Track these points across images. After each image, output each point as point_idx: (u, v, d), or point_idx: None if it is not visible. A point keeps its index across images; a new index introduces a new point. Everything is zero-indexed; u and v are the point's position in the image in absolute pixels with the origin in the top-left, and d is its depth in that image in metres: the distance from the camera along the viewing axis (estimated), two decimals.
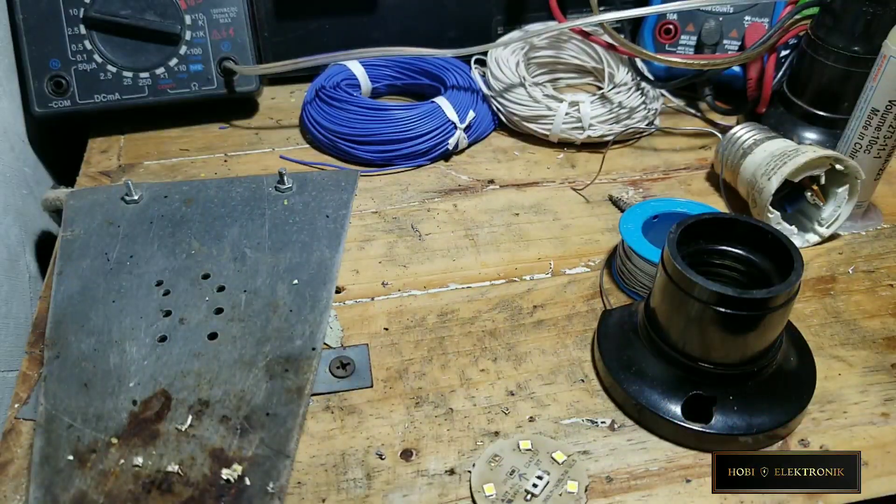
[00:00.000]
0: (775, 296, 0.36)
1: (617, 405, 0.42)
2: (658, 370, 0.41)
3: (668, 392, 0.40)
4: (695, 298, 0.37)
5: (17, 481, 0.38)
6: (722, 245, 0.42)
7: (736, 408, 0.39)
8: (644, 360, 0.42)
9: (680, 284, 0.38)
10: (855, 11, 0.54)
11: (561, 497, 0.37)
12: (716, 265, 0.42)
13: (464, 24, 0.73)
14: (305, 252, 0.51)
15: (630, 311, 0.45)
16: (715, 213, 0.42)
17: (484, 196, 0.59)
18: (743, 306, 0.36)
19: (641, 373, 0.41)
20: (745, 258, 0.41)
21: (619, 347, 0.43)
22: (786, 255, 0.38)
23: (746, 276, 0.41)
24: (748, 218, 0.41)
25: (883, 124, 0.50)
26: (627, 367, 0.42)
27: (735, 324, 0.37)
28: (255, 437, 0.39)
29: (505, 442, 0.40)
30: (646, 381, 0.41)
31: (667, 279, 0.38)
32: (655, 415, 0.40)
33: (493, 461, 0.38)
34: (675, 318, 0.40)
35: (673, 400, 0.40)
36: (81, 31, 0.61)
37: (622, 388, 0.41)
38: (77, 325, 0.45)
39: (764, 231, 0.40)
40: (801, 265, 0.37)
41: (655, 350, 0.41)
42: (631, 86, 0.65)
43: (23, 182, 0.59)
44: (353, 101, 0.62)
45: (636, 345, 0.42)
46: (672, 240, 0.39)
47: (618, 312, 0.46)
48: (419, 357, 0.45)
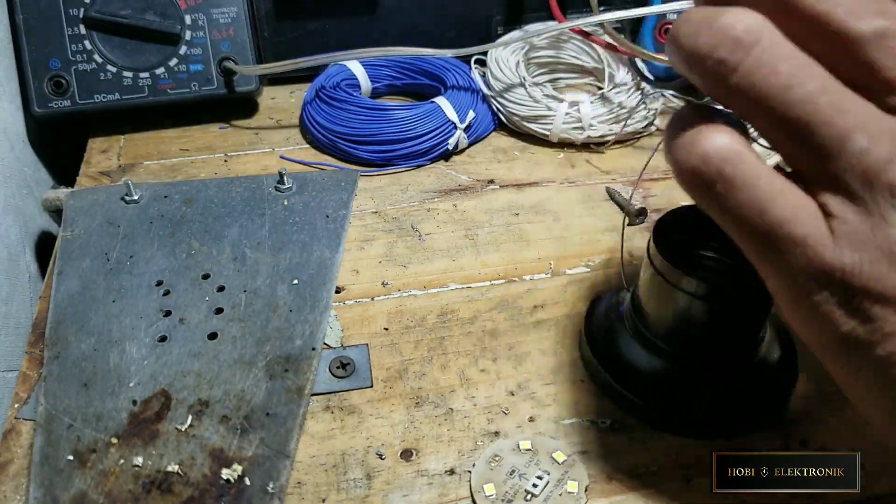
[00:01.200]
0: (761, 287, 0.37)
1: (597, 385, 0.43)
2: (638, 356, 0.42)
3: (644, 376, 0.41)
4: (679, 289, 0.38)
5: (17, 481, 0.38)
6: (712, 236, 0.42)
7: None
8: (625, 345, 0.43)
9: (663, 272, 0.38)
10: None
11: (561, 497, 0.37)
12: (704, 257, 0.42)
13: (464, 24, 0.73)
14: (305, 252, 0.51)
15: (617, 299, 0.46)
16: None
17: (484, 196, 0.59)
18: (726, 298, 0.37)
19: (620, 357, 0.42)
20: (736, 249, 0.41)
21: (605, 331, 0.44)
22: None
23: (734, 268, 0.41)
24: None
25: None
26: (608, 349, 0.43)
27: (715, 315, 0.38)
28: (255, 437, 0.39)
29: (505, 442, 0.40)
30: (623, 364, 0.42)
31: (652, 269, 0.39)
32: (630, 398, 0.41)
33: (493, 461, 0.38)
34: (657, 306, 0.40)
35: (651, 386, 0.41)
36: (81, 31, 0.61)
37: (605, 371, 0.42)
38: (77, 325, 0.45)
39: None
40: None
41: (638, 336, 0.42)
42: (631, 86, 0.65)
43: (23, 182, 0.59)
44: (353, 101, 0.62)
45: (620, 330, 0.43)
46: (659, 229, 0.39)
47: (606, 299, 0.47)
48: (419, 357, 0.45)
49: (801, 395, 0.42)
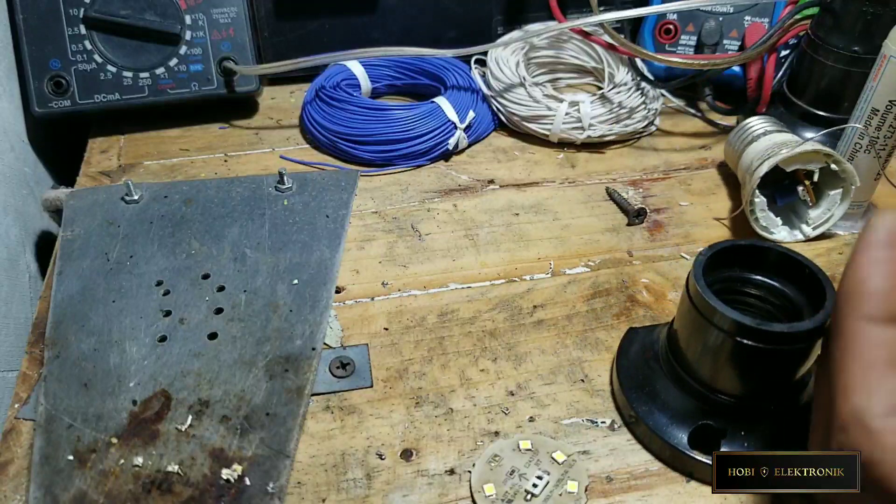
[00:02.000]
0: (796, 332, 0.34)
1: (623, 421, 0.41)
2: (671, 395, 0.40)
3: (677, 418, 0.39)
4: (714, 325, 0.36)
5: (17, 481, 0.38)
6: (755, 274, 0.40)
7: (746, 444, 0.38)
8: (659, 383, 0.40)
9: (700, 309, 0.36)
10: (855, 11, 0.54)
11: (561, 497, 0.37)
12: (747, 294, 0.40)
13: (464, 24, 0.73)
14: (305, 252, 0.51)
15: (653, 333, 0.44)
16: (752, 241, 0.40)
17: (484, 196, 0.59)
18: (761, 339, 0.34)
19: (654, 395, 0.40)
20: (779, 290, 0.39)
21: (636, 367, 0.42)
22: (820, 290, 0.36)
23: (779, 309, 0.40)
24: (785, 248, 0.39)
25: (883, 124, 0.50)
26: (641, 386, 0.41)
27: (751, 356, 0.36)
28: (255, 437, 0.39)
29: (505, 442, 0.40)
30: (657, 404, 0.40)
31: (689, 303, 0.37)
32: (660, 438, 0.39)
33: (493, 461, 0.38)
34: (694, 343, 0.38)
35: (681, 427, 0.39)
36: (81, 31, 0.61)
37: (632, 407, 0.40)
38: (77, 325, 0.45)
39: (801, 264, 0.38)
40: (833, 303, 0.34)
41: (672, 374, 0.40)
42: (631, 86, 0.65)
43: (23, 182, 0.59)
44: (353, 101, 0.62)
45: (654, 366, 0.41)
46: (699, 262, 0.37)
47: (642, 332, 0.44)
48: (419, 357, 0.45)
49: None
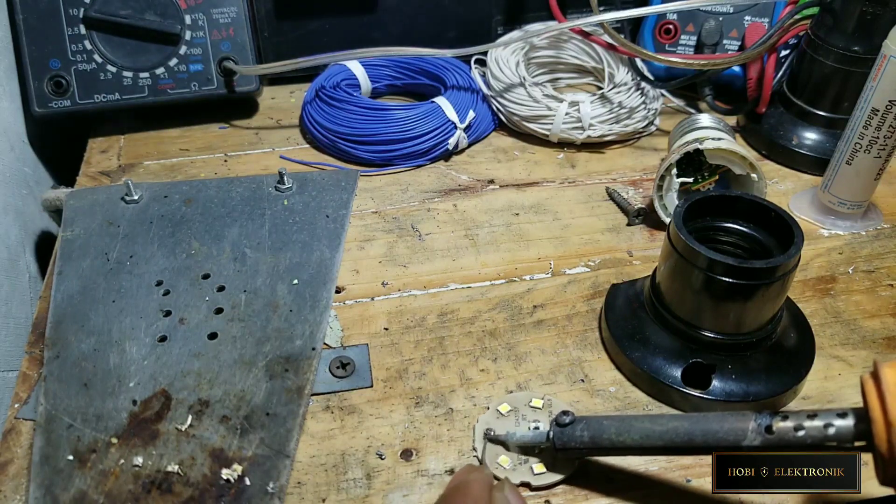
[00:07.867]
0: (774, 266, 0.38)
1: (621, 372, 0.44)
2: (661, 339, 0.43)
3: (669, 359, 0.42)
4: (698, 268, 0.39)
5: (17, 481, 0.38)
6: (727, 222, 0.44)
7: (734, 376, 0.41)
8: (648, 329, 0.43)
9: (684, 255, 0.40)
10: (855, 11, 0.54)
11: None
12: (721, 241, 0.44)
13: (464, 24, 0.73)
14: (305, 252, 0.51)
15: (636, 285, 0.47)
16: (722, 192, 0.44)
17: (484, 196, 0.59)
18: (743, 275, 0.38)
19: (645, 341, 0.43)
20: (749, 234, 0.43)
21: (625, 318, 0.45)
22: (788, 231, 0.40)
23: (749, 252, 0.43)
24: (752, 196, 0.43)
25: (883, 124, 0.50)
26: (632, 335, 0.44)
27: (735, 293, 0.39)
28: (255, 437, 0.39)
29: (485, 415, 0.41)
30: (649, 349, 0.43)
31: (672, 250, 0.40)
32: (656, 380, 0.42)
33: (487, 434, 0.39)
34: (679, 288, 0.41)
35: (674, 367, 0.42)
36: (81, 31, 0.61)
37: (626, 354, 0.43)
38: (77, 325, 0.45)
39: (767, 208, 0.42)
40: (802, 240, 0.39)
41: (660, 320, 0.43)
42: (631, 86, 0.65)
43: (23, 182, 0.59)
44: (353, 101, 0.62)
45: (641, 315, 0.44)
46: (678, 213, 0.41)
47: (625, 286, 0.48)
48: (419, 357, 0.45)
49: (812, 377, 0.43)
